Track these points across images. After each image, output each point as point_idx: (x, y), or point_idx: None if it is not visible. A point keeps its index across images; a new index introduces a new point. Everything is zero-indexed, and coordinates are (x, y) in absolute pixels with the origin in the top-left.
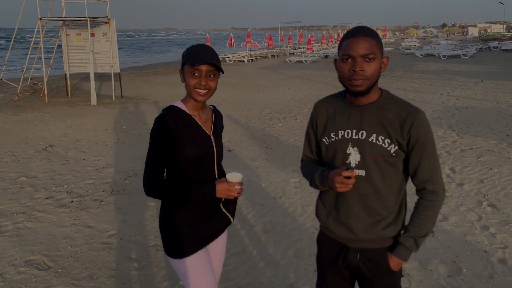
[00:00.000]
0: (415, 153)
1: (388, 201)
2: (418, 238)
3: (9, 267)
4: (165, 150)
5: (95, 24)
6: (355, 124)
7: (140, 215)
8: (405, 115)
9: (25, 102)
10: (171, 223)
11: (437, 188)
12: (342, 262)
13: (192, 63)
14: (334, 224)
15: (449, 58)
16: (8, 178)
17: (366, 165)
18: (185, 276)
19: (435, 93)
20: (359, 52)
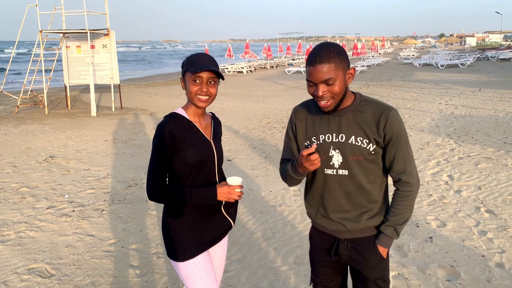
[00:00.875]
0: (390, 148)
1: (371, 195)
2: (397, 226)
3: (12, 275)
4: (168, 155)
5: (95, 36)
6: (334, 128)
7: (141, 224)
8: (379, 114)
9: (26, 114)
10: (174, 227)
11: (411, 179)
12: (334, 254)
13: (193, 71)
14: (323, 220)
15: (447, 67)
16: (10, 188)
17: (348, 165)
18: (187, 278)
19: (433, 102)
20: (319, 79)
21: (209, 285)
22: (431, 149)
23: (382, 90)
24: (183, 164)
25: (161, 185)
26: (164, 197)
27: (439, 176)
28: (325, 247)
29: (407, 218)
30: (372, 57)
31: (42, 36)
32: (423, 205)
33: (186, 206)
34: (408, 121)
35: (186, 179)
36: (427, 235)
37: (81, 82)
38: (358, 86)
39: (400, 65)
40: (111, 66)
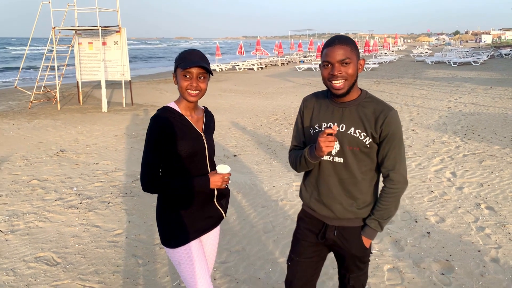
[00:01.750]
0: (385, 145)
1: (362, 186)
2: (381, 220)
3: (20, 263)
4: (161, 147)
5: (107, 33)
6: (337, 119)
7: (146, 216)
8: (379, 112)
9: (39, 109)
10: (167, 216)
11: (399, 177)
12: (321, 238)
13: (184, 67)
14: (316, 204)
15: (460, 65)
16: (21, 181)
17: (344, 154)
18: (179, 265)
19: (442, 99)
20: (336, 58)
21: (200, 272)
22: (437, 146)
23: (392, 87)
24: (174, 156)
25: (155, 176)
26: (160, 186)
27: (442, 173)
28: (312, 230)
29: (392, 214)
30: (384, 54)
31: (55, 33)
32: (423, 201)
33: (179, 196)
34: (415, 118)
35: (178, 170)
36: (425, 230)
37: (93, 78)
38: (369, 83)
39: (412, 63)
40: (122, 63)
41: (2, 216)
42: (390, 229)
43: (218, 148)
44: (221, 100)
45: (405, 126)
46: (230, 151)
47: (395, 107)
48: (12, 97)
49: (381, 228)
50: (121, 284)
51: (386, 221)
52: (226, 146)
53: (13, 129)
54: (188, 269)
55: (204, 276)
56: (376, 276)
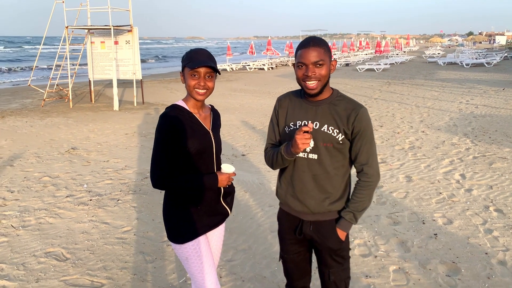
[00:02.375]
0: (357, 141)
1: (335, 181)
2: (356, 212)
3: (31, 258)
4: (170, 144)
5: (119, 32)
6: (311, 116)
7: (154, 213)
8: (350, 110)
9: (51, 107)
10: (175, 212)
11: (372, 171)
12: (298, 234)
13: (192, 66)
14: (291, 199)
15: (472, 66)
16: (33, 177)
17: (318, 150)
18: (186, 260)
19: (454, 101)
20: (310, 60)
21: (207, 267)
22: (446, 148)
23: (403, 88)
24: (183, 153)
25: (166, 172)
26: (169, 184)
27: (451, 174)
28: (291, 227)
29: (366, 206)
30: (396, 55)
31: (68, 32)
32: (431, 203)
33: (187, 193)
34: (426, 119)
35: (187, 167)
36: (432, 231)
37: (104, 77)
38: (379, 84)
39: (424, 64)
40: (134, 62)
41: (14, 212)
42: (397, 230)
43: (227, 147)
44: (231, 100)
45: (415, 128)
46: (239, 150)
47: (405, 108)
48: (26, 95)
49: (356, 220)
50: (128, 280)
51: (360, 213)
52: (235, 145)
53: (26, 127)
54: (196, 265)
55: (212, 272)
56: (382, 276)
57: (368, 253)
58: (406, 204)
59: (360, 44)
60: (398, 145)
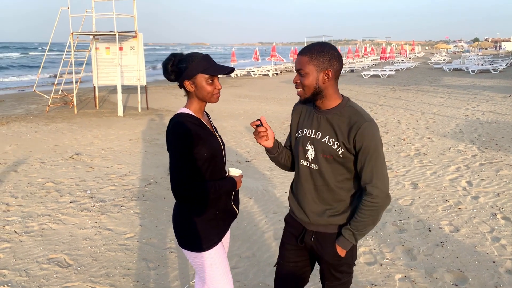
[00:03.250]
0: (360, 157)
1: (338, 195)
2: (356, 232)
3: (33, 264)
4: (190, 151)
5: (123, 38)
6: (315, 126)
7: (158, 220)
8: (353, 123)
9: (56, 113)
10: (195, 221)
11: (377, 192)
12: (300, 242)
13: (215, 73)
14: (297, 207)
15: (478, 72)
16: (36, 183)
17: (318, 161)
18: (211, 266)
19: (460, 107)
20: (295, 67)
21: (228, 271)
22: (452, 154)
23: (409, 94)
24: (200, 159)
25: (190, 182)
26: (195, 193)
27: (457, 181)
28: (294, 234)
29: (368, 229)
30: (401, 61)
31: (73, 38)
32: (437, 210)
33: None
34: (432, 126)
35: (204, 173)
36: (438, 239)
37: (109, 83)
38: (385, 90)
39: (429, 70)
40: (138, 68)
41: (17, 218)
42: (403, 237)
43: (231, 153)
44: (236, 106)
45: (421, 134)
46: (243, 156)
47: (411, 114)
48: (31, 100)
49: (356, 240)
50: (131, 287)
51: (361, 234)
52: (239, 151)
53: (31, 132)
54: (221, 269)
55: (230, 276)
56: (388, 285)
57: (373, 261)
58: (412, 211)
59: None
60: (404, 152)
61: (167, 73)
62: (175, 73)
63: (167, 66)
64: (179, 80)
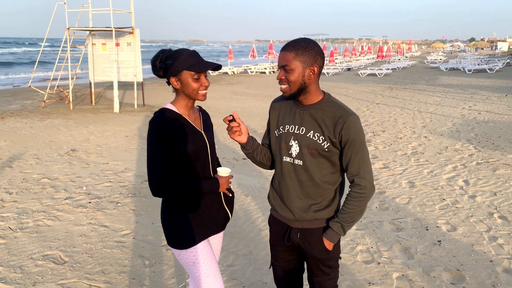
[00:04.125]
0: (346, 150)
1: (322, 189)
2: (344, 224)
3: (28, 260)
4: (166, 148)
5: (120, 34)
6: (298, 121)
7: (154, 217)
8: (338, 117)
9: (51, 109)
10: (176, 217)
11: (364, 182)
12: (287, 240)
13: (199, 70)
14: (279, 205)
15: (475, 72)
16: (32, 179)
17: (303, 156)
18: (193, 265)
19: (456, 106)
20: (279, 63)
21: (214, 270)
22: (449, 153)
23: (405, 93)
24: (178, 156)
25: (167, 178)
26: (170, 191)
27: (454, 180)
28: (280, 234)
29: (355, 219)
30: (398, 60)
31: (70, 33)
32: (435, 209)
33: (187, 197)
34: (428, 125)
35: (184, 170)
36: (436, 238)
37: (105, 79)
38: (381, 89)
39: (426, 69)
40: (135, 64)
41: (12, 214)
42: (400, 236)
43: (228, 151)
44: (233, 103)
45: (418, 133)
46: (240, 154)
47: (408, 113)
48: (26, 96)
49: (344, 231)
50: (127, 284)
51: (349, 225)
52: (236, 149)
53: (26, 128)
54: (203, 268)
55: (218, 274)
56: (385, 283)
57: (371, 259)
58: (409, 210)
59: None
60: (401, 151)
61: (155, 69)
62: (163, 69)
63: (155, 63)
64: (166, 76)
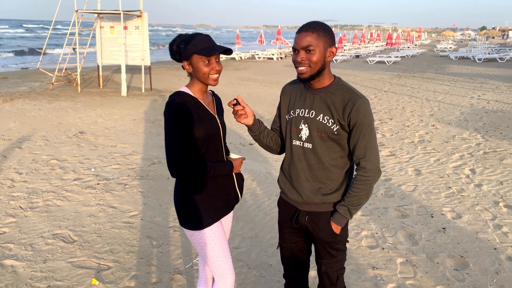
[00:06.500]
0: (354, 133)
1: (331, 172)
2: (350, 207)
3: (38, 239)
4: (182, 130)
5: (128, 18)
6: (308, 105)
7: (161, 199)
8: (347, 100)
9: (59, 91)
10: (191, 199)
11: (370, 165)
12: (295, 223)
13: (208, 54)
14: (289, 188)
15: (485, 61)
16: (41, 160)
17: (312, 140)
18: (206, 245)
19: (465, 96)
20: (300, 45)
21: (226, 251)
22: (456, 142)
23: (414, 81)
24: (193, 139)
25: (184, 160)
26: (189, 171)
27: (461, 169)
28: (288, 216)
29: (362, 202)
30: (407, 48)
31: (78, 16)
32: (440, 197)
33: (202, 179)
34: (436, 113)
35: (198, 153)
36: (440, 225)
37: (113, 62)
38: (390, 77)
39: (435, 57)
40: (143, 48)
41: (22, 193)
42: (405, 223)
43: (235, 136)
44: (240, 89)
45: (425, 121)
46: (247, 139)
47: (416, 101)
48: (34, 78)
49: (350, 215)
50: (135, 264)
51: (356, 208)
52: (243, 134)
53: (35, 110)
54: (215, 249)
55: (229, 256)
56: (389, 268)
57: (375, 244)
58: (415, 197)
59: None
60: (408, 138)
61: (173, 53)
62: (179, 53)
63: (172, 47)
64: (180, 60)
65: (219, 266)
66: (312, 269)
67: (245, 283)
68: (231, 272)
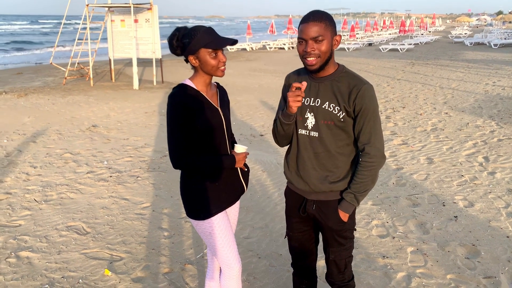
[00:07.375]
0: (359, 119)
1: (338, 160)
2: (357, 194)
3: (53, 231)
4: (183, 122)
5: (138, 11)
6: (313, 93)
7: (173, 191)
8: (352, 86)
9: (72, 86)
10: (196, 189)
11: (375, 151)
12: (302, 212)
13: (216, 47)
14: (295, 177)
15: (501, 47)
16: (55, 153)
17: (319, 128)
18: (210, 235)
19: (480, 82)
20: (309, 35)
21: (230, 241)
22: (470, 130)
23: (427, 69)
24: (194, 131)
25: (186, 152)
26: (189, 163)
27: (474, 157)
28: (296, 206)
29: (368, 188)
30: (420, 35)
31: (89, 10)
32: (452, 185)
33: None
34: (450, 101)
35: (200, 145)
36: (452, 214)
37: (124, 55)
38: (403, 65)
39: (450, 44)
40: (154, 41)
41: (37, 187)
42: (416, 212)
43: (245, 127)
44: (251, 80)
45: (438, 109)
46: (257, 130)
47: (429, 89)
48: (48, 73)
49: (357, 202)
50: (146, 254)
51: (362, 195)
52: (254, 125)
53: (48, 104)
54: (219, 239)
55: (234, 246)
56: (399, 257)
57: (386, 234)
58: (427, 186)
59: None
60: (420, 127)
61: (173, 48)
62: (180, 48)
63: (172, 42)
64: (184, 55)
65: (224, 255)
66: (321, 259)
67: (255, 273)
68: (237, 262)
